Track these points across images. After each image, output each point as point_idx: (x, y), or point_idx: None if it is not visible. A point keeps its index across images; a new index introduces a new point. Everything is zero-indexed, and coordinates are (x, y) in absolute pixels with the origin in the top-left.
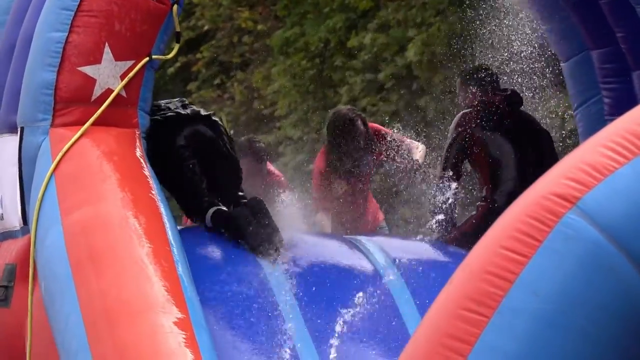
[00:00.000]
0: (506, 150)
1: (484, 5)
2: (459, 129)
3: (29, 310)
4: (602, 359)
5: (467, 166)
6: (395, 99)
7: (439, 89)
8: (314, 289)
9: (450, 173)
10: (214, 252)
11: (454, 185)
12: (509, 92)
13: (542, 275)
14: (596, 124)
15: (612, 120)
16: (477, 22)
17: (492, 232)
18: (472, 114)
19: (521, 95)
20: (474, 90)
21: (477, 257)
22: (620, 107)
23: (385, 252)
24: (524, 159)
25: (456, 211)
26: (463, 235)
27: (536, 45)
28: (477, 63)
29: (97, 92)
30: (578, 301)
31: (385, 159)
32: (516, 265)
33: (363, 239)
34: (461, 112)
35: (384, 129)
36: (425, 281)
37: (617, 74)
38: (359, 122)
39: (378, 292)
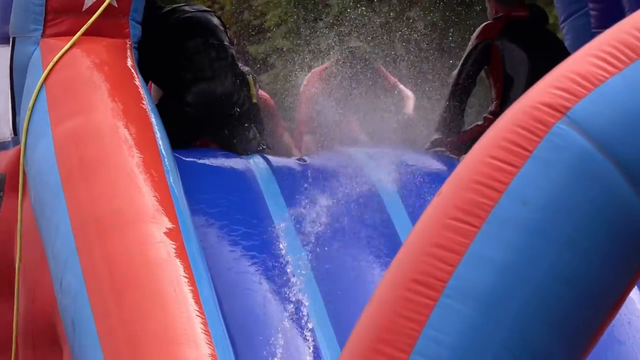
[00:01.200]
0: (522, 66)
1: None
2: (479, 39)
3: (19, 220)
4: (588, 266)
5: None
6: (386, 10)
7: (430, 0)
8: (306, 202)
9: (465, 78)
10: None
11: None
12: (534, 8)
13: (531, 185)
14: (583, 36)
15: (599, 33)
16: None
17: (482, 142)
18: (494, 26)
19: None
20: (494, 3)
21: (466, 168)
22: (607, 20)
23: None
24: (539, 77)
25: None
26: (463, 143)
27: None
28: None
29: (89, 2)
30: (566, 210)
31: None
32: (505, 175)
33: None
34: (484, 23)
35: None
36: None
37: None
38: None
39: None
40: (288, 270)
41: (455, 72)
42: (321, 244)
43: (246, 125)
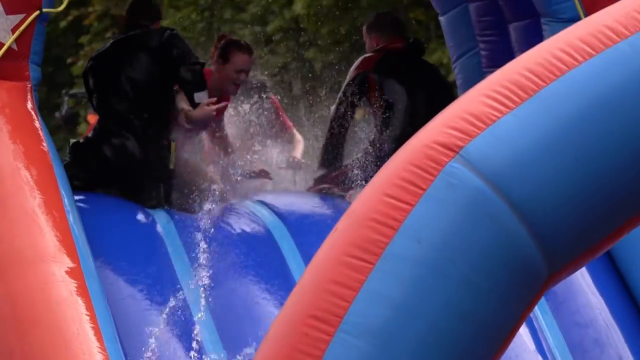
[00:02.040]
0: (400, 95)
1: None
2: (356, 72)
3: None
4: (483, 302)
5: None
6: (283, 52)
7: (326, 42)
8: (204, 246)
9: (344, 112)
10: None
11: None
12: (410, 40)
13: (425, 223)
14: (474, 75)
15: (490, 72)
16: None
17: (377, 179)
18: (371, 58)
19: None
20: (374, 36)
21: (361, 205)
22: (497, 59)
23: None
24: (416, 106)
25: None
26: (344, 177)
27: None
28: (367, 15)
29: None
30: (461, 248)
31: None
32: (400, 212)
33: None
34: (361, 57)
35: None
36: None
37: (494, 26)
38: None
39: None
40: (186, 309)
41: (334, 106)
42: (218, 283)
43: (155, 185)
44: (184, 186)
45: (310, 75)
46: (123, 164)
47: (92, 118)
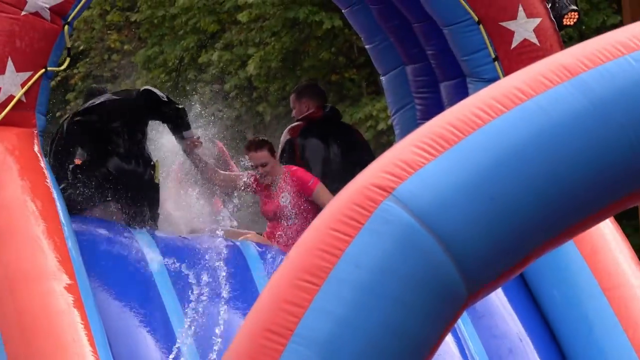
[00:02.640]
0: (318, 151)
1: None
2: (285, 138)
3: None
4: (414, 322)
5: None
6: (239, 106)
7: (275, 97)
8: (186, 269)
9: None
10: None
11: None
12: (328, 108)
13: (363, 251)
14: (410, 127)
15: (423, 123)
16: (306, 43)
17: (323, 215)
18: (297, 127)
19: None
20: (304, 101)
21: (310, 236)
22: (430, 113)
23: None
24: (332, 157)
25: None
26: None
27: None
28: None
29: (1, 98)
30: (394, 273)
31: None
32: (342, 242)
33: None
34: (290, 126)
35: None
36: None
37: (427, 85)
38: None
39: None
40: (166, 318)
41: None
42: (197, 301)
43: (141, 201)
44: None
45: (261, 125)
46: (120, 178)
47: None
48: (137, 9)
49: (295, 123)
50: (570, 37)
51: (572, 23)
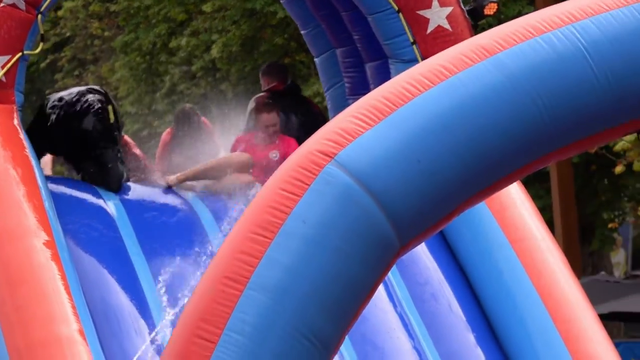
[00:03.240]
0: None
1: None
2: (252, 107)
3: None
4: (354, 270)
5: None
6: (204, 85)
7: (235, 77)
8: (150, 226)
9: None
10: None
11: None
12: (289, 83)
13: (309, 209)
14: (340, 102)
15: (352, 99)
16: (262, 30)
17: (274, 177)
18: (262, 97)
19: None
20: (266, 78)
21: (262, 195)
22: (357, 89)
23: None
24: (289, 128)
25: None
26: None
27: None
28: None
29: None
30: (336, 227)
31: None
32: (290, 201)
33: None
34: (256, 95)
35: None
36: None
37: (354, 65)
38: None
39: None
40: (132, 269)
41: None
42: (162, 257)
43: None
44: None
45: (223, 101)
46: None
47: None
48: (115, 1)
49: (261, 94)
50: (490, 25)
51: (492, 13)
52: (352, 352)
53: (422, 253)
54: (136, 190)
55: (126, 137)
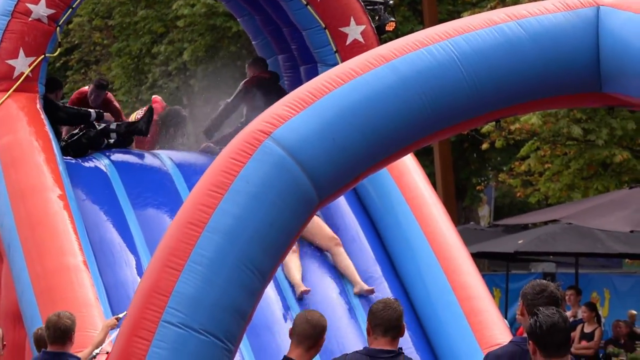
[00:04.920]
0: (262, 102)
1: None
2: (244, 86)
3: None
4: (285, 219)
5: None
6: (177, 81)
7: (201, 75)
8: (137, 186)
9: (232, 105)
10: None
11: None
12: (272, 73)
13: (251, 173)
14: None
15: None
16: (222, 40)
17: (225, 149)
18: (249, 81)
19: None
20: (252, 69)
21: (216, 162)
22: (294, 86)
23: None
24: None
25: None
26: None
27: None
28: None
29: (16, 73)
30: (272, 187)
31: None
32: (237, 167)
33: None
34: (246, 79)
35: None
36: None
37: (292, 67)
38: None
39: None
40: (121, 212)
41: (229, 100)
42: (145, 206)
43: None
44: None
45: (192, 93)
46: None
47: None
48: (112, 17)
49: (250, 77)
50: (391, 39)
51: (391, 29)
52: (284, 280)
53: (342, 205)
54: (125, 155)
55: (109, 94)
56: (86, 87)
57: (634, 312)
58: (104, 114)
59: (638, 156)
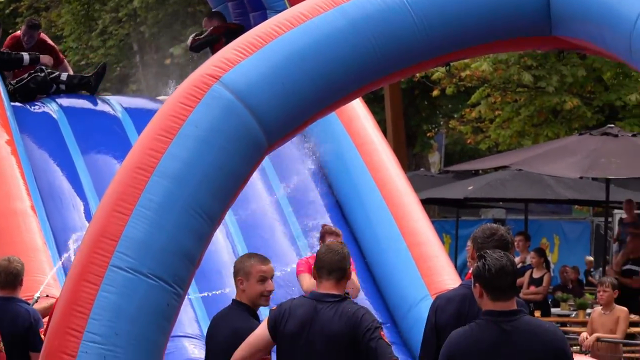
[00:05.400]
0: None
1: None
2: (211, 33)
3: None
4: (234, 163)
5: None
6: (128, 27)
7: (151, 22)
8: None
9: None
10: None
11: None
12: (240, 24)
13: (200, 117)
14: None
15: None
16: None
17: (174, 94)
18: (221, 27)
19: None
20: (214, 21)
21: (164, 106)
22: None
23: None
24: None
25: None
26: None
27: None
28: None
29: None
30: (221, 131)
31: None
32: (186, 111)
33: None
34: (214, 26)
35: None
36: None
37: (242, 14)
38: None
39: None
40: (69, 155)
41: (197, 42)
42: (93, 152)
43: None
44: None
45: (143, 39)
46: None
47: None
48: None
49: (218, 25)
50: None
51: None
52: (235, 224)
53: (292, 151)
54: (74, 100)
55: (42, 34)
56: (18, 32)
57: (591, 258)
58: (40, 55)
59: (588, 103)
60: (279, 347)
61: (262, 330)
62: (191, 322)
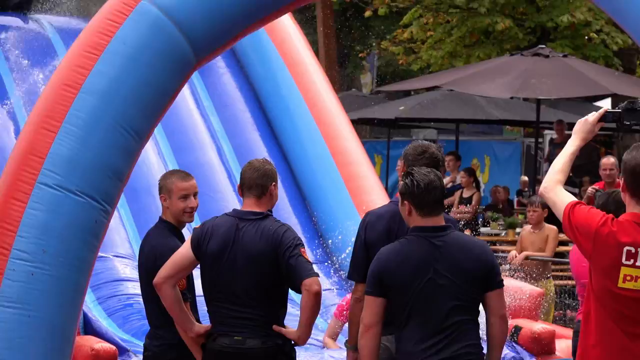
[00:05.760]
0: None
1: None
2: None
3: None
4: (162, 79)
5: None
6: None
7: None
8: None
9: None
10: None
11: None
12: None
13: (128, 34)
14: None
15: None
16: None
17: (101, 10)
18: None
19: None
20: None
21: (91, 23)
22: None
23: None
24: None
25: None
26: None
27: None
28: None
29: None
30: (148, 47)
31: None
32: (114, 28)
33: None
34: None
35: None
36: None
37: None
38: None
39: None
40: (2, 83)
41: None
42: (23, 70)
43: None
44: None
45: None
46: None
47: None
48: None
49: None
50: None
51: None
52: (167, 143)
53: (223, 74)
54: (3, 18)
55: None
56: None
57: (526, 178)
58: None
59: (520, 24)
60: (202, 265)
61: (185, 249)
62: (123, 242)
